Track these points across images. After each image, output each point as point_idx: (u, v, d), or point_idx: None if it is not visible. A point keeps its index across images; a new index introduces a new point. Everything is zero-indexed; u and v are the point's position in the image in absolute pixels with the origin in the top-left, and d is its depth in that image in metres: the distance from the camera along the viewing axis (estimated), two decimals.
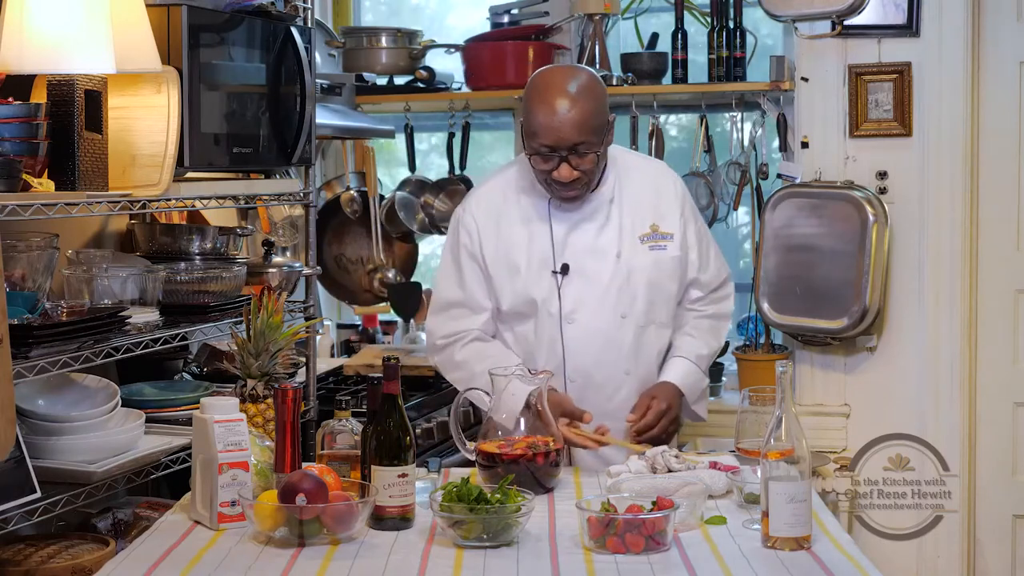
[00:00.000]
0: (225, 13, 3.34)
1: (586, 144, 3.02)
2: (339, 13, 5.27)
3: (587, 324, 3.17)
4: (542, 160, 3.06)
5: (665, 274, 3.21)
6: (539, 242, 3.18)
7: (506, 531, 2.46)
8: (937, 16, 4.07)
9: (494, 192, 3.26)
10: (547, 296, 3.17)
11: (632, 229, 3.20)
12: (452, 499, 2.49)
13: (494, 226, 3.20)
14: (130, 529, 3.18)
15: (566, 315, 3.16)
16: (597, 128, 3.04)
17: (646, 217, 3.21)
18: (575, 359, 3.17)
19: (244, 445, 2.60)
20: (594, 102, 3.04)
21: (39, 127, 2.81)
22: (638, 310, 3.19)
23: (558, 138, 3.01)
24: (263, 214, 4.15)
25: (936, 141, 4.11)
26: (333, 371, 4.60)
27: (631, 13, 4.87)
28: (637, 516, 2.42)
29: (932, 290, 4.13)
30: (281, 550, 2.45)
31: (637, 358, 3.21)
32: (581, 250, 3.18)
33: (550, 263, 3.17)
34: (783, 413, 2.43)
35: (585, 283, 3.17)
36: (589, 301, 3.17)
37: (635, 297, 3.18)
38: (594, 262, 3.18)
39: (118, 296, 3.15)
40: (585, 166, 3.05)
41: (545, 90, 3.05)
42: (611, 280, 3.17)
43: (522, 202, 3.21)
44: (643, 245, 3.20)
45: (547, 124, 3.00)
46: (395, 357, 2.67)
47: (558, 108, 3.00)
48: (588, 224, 3.19)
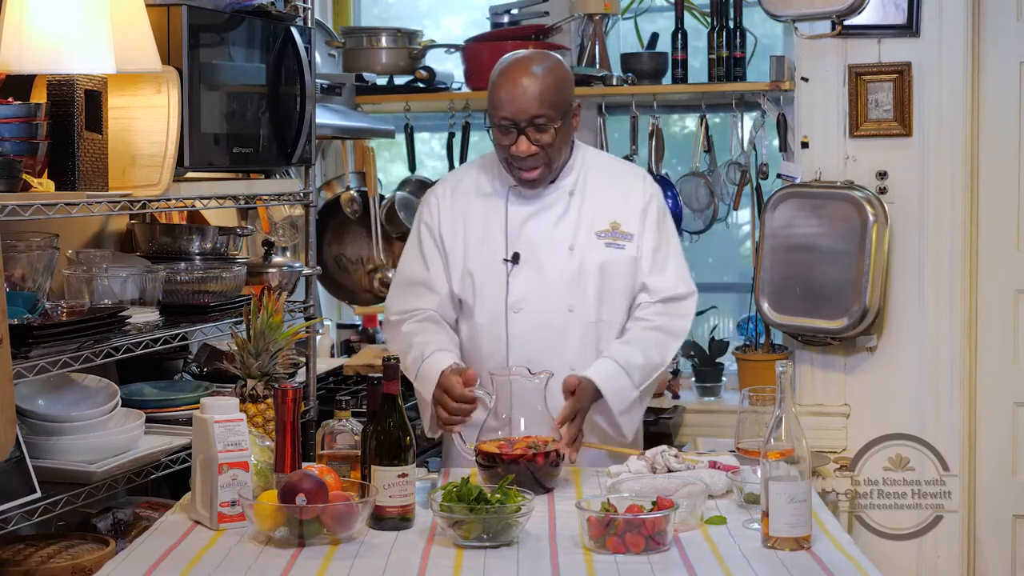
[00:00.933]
0: (225, 13, 3.34)
1: (545, 117, 3.02)
2: (339, 13, 5.27)
3: (533, 315, 3.13)
4: (502, 134, 3.06)
5: (619, 273, 3.15)
6: (493, 228, 3.16)
7: (506, 531, 2.46)
8: (937, 16, 4.08)
9: (462, 176, 3.29)
10: (495, 283, 3.14)
11: (590, 224, 3.16)
12: (452, 499, 2.48)
13: (454, 208, 3.21)
14: (130, 529, 3.18)
15: (512, 304, 3.13)
16: (557, 103, 3.04)
17: (607, 214, 3.17)
18: (519, 350, 3.12)
19: (244, 445, 2.60)
20: (555, 79, 3.06)
21: (39, 127, 2.81)
22: (587, 305, 3.14)
23: (517, 109, 3.02)
24: (263, 214, 4.15)
25: (936, 141, 4.11)
26: (333, 371, 4.60)
27: (631, 13, 4.87)
28: (637, 516, 2.42)
29: (932, 290, 4.13)
30: (281, 550, 2.45)
31: (583, 354, 3.12)
32: (535, 240, 3.15)
33: (502, 250, 3.15)
34: (783, 413, 2.43)
35: (535, 273, 3.14)
36: (537, 292, 3.13)
37: (585, 292, 3.13)
38: (546, 253, 3.14)
39: (118, 296, 3.15)
40: (544, 140, 3.04)
41: (508, 67, 3.08)
42: (562, 272, 3.13)
43: (484, 187, 3.21)
44: (599, 241, 3.15)
45: (507, 96, 3.03)
46: (395, 357, 2.67)
47: (519, 81, 3.03)
48: (545, 214, 3.16)
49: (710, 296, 5.20)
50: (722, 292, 5.29)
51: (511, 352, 3.12)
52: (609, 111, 4.78)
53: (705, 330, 4.93)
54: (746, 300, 4.83)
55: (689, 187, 4.65)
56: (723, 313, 5.19)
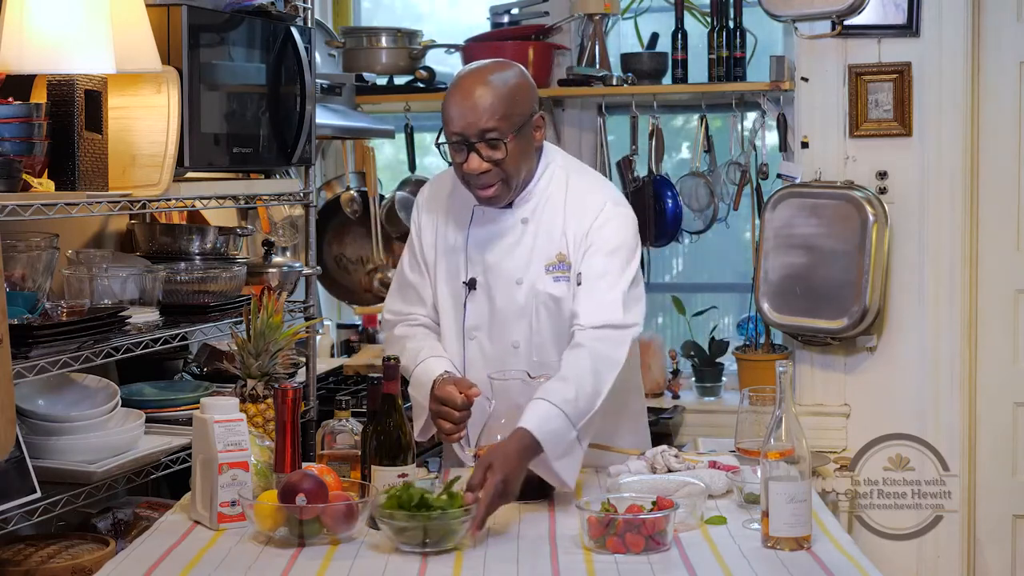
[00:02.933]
0: (225, 13, 3.34)
1: (496, 131, 2.80)
2: (339, 13, 5.28)
3: (484, 345, 3.00)
4: (455, 152, 2.86)
5: (566, 307, 2.92)
6: (457, 249, 3.02)
7: (449, 537, 2.40)
8: (937, 16, 4.07)
9: (443, 184, 3.11)
10: (457, 304, 3.03)
11: (542, 256, 2.95)
12: (393, 505, 2.42)
13: (433, 215, 3.08)
14: (130, 529, 3.18)
15: (468, 330, 3.01)
16: (509, 116, 2.82)
17: (555, 244, 2.95)
18: (474, 376, 2.93)
19: (244, 445, 2.60)
20: (508, 90, 2.84)
21: (39, 127, 2.81)
22: (532, 343, 2.95)
23: (466, 123, 2.81)
24: (263, 214, 4.15)
25: (936, 141, 4.11)
26: (333, 371, 4.60)
27: (631, 13, 4.87)
28: (637, 516, 2.42)
29: (932, 290, 4.13)
30: (281, 550, 2.45)
31: (529, 393, 2.78)
32: (488, 268, 2.98)
33: (462, 272, 3.01)
34: (783, 413, 2.43)
35: (487, 303, 2.98)
36: (489, 322, 2.99)
37: (532, 329, 2.95)
38: (497, 283, 2.97)
39: (118, 296, 3.15)
40: (496, 157, 2.82)
41: (461, 78, 2.89)
42: (509, 305, 2.96)
43: (457, 202, 3.04)
44: (548, 275, 2.94)
45: (457, 111, 2.82)
46: (395, 357, 2.67)
47: (470, 93, 2.82)
48: (500, 242, 2.97)
49: (710, 296, 5.21)
50: (722, 292, 5.29)
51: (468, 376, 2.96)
52: (609, 111, 4.78)
53: (705, 330, 4.93)
54: (746, 300, 4.83)
55: (689, 187, 4.65)
56: (723, 313, 5.20)
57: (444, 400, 2.83)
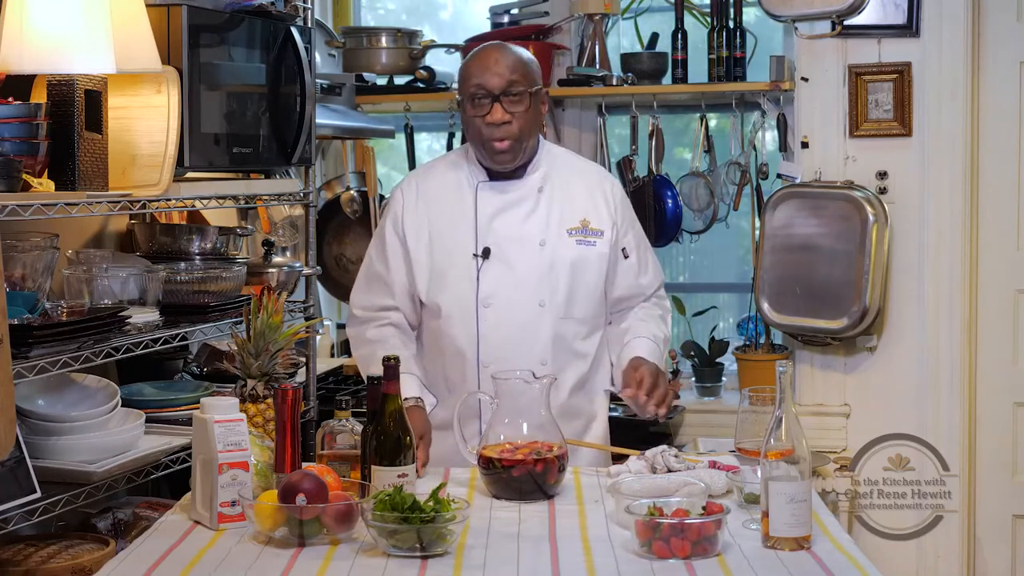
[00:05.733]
0: (225, 13, 3.34)
1: (517, 85, 3.09)
2: (339, 13, 5.28)
3: (503, 310, 3.14)
4: (475, 107, 3.10)
5: (590, 269, 3.19)
6: (462, 223, 3.18)
7: (440, 541, 2.39)
8: (937, 16, 4.08)
9: (430, 171, 3.31)
10: (465, 278, 3.15)
11: (560, 220, 3.18)
12: (385, 508, 2.41)
13: (421, 203, 3.22)
14: (130, 529, 3.17)
15: (483, 299, 3.14)
16: (528, 75, 3.12)
17: (576, 211, 3.20)
18: (489, 345, 3.13)
19: (244, 445, 2.60)
20: (528, 58, 3.17)
21: (39, 127, 2.81)
22: (558, 301, 3.15)
23: (491, 75, 3.09)
24: (263, 214, 4.15)
25: (936, 141, 4.11)
26: (333, 371, 4.60)
27: (631, 13, 4.87)
28: (683, 520, 2.36)
29: (932, 290, 4.13)
30: (281, 550, 2.45)
31: (554, 349, 3.15)
32: (504, 236, 3.16)
33: (471, 245, 3.16)
34: (783, 413, 2.43)
35: (505, 269, 3.15)
36: (508, 287, 3.14)
37: (556, 288, 3.15)
38: (517, 249, 3.16)
39: (118, 296, 3.15)
40: (517, 109, 3.08)
41: (483, 46, 3.20)
42: (532, 268, 3.15)
43: (452, 184, 3.22)
44: (570, 238, 3.18)
45: (480, 66, 3.11)
46: (395, 357, 2.67)
47: (494, 52, 3.14)
48: (514, 210, 3.18)
49: (710, 296, 5.22)
50: (722, 292, 5.30)
51: (481, 348, 3.13)
52: (609, 111, 4.78)
53: (705, 330, 4.93)
54: (746, 300, 4.83)
55: (689, 187, 4.65)
56: (723, 313, 5.20)
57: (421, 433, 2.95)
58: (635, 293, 3.29)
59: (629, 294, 3.28)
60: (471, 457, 2.85)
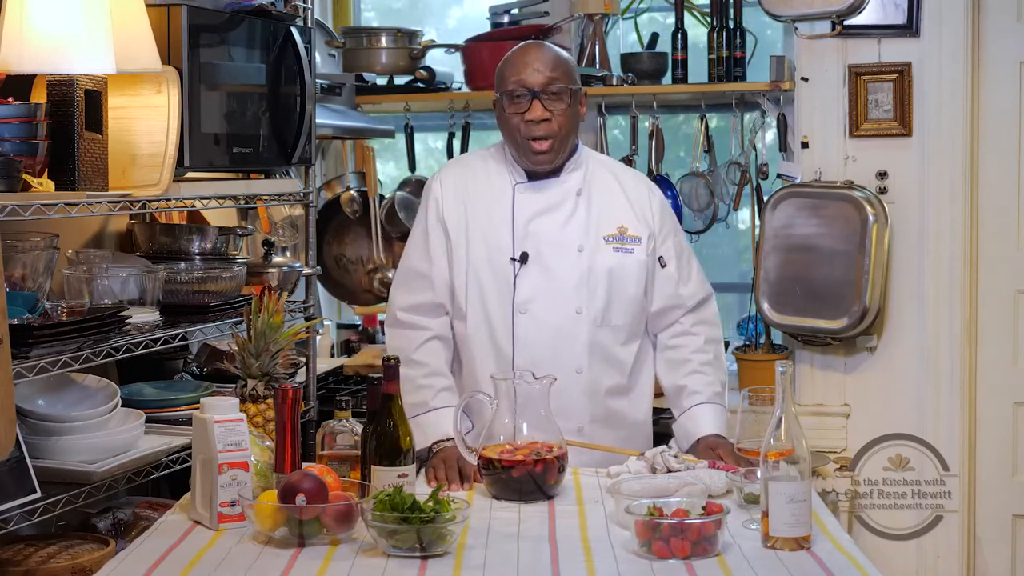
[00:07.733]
0: (225, 13, 3.34)
1: (557, 82, 3.07)
2: (339, 13, 5.27)
3: (541, 316, 3.11)
4: (512, 103, 3.08)
5: (628, 277, 3.16)
6: (499, 225, 3.15)
7: (440, 541, 2.39)
8: (937, 16, 4.07)
9: (467, 166, 3.28)
10: (502, 283, 3.13)
11: (598, 227, 3.16)
12: (385, 508, 2.41)
13: (460, 199, 3.19)
14: (130, 529, 3.18)
15: (519, 304, 3.11)
16: (569, 74, 3.11)
17: (613, 218, 3.17)
18: (526, 350, 3.11)
19: (244, 445, 2.60)
20: (567, 57, 3.17)
21: (39, 127, 2.81)
22: (595, 308, 3.13)
23: (532, 71, 3.08)
24: (263, 214, 4.15)
25: (936, 141, 4.11)
26: (333, 371, 4.61)
27: (631, 13, 4.87)
28: (682, 520, 2.37)
29: (932, 290, 4.13)
30: (281, 550, 2.45)
31: (590, 357, 3.13)
32: (543, 240, 3.14)
33: (508, 248, 3.13)
34: (783, 413, 2.43)
35: (543, 274, 3.12)
36: (545, 292, 3.12)
37: (594, 295, 3.13)
38: (555, 253, 3.13)
39: (118, 296, 3.15)
40: (557, 107, 3.07)
41: (522, 45, 3.20)
42: (570, 274, 3.12)
43: (491, 182, 3.19)
44: (607, 245, 3.15)
45: (519, 63, 3.10)
46: (395, 357, 2.67)
47: (535, 51, 3.14)
48: (553, 214, 3.15)
49: None
50: (722, 292, 5.28)
51: (517, 353, 3.11)
52: (609, 111, 4.78)
53: None
54: (746, 300, 4.83)
55: (689, 187, 4.65)
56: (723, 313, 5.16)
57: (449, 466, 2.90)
58: (676, 304, 3.24)
59: (670, 304, 3.23)
60: (471, 457, 2.86)
